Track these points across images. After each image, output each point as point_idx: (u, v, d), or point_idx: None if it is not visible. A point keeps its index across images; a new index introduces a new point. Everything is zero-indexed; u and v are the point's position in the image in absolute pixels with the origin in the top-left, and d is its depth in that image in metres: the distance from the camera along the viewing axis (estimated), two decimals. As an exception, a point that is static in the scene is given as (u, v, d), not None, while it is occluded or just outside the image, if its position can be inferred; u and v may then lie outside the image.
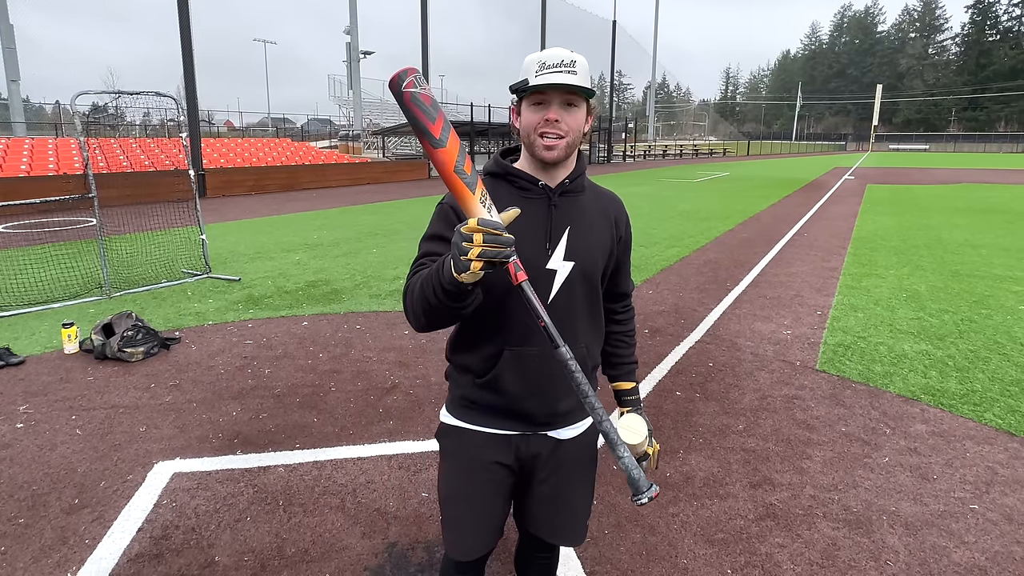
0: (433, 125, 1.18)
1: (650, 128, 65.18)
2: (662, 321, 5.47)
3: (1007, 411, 3.62)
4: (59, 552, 2.37)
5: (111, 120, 8.43)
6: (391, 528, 2.52)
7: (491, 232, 1.10)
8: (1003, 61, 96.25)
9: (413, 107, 1.18)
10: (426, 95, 1.18)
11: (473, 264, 1.10)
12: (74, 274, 6.70)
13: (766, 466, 3.03)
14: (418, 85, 1.18)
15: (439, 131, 1.18)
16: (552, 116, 1.32)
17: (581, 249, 1.41)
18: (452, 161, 1.18)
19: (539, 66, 1.31)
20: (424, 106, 1.18)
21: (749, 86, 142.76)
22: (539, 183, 1.40)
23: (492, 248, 1.10)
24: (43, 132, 29.31)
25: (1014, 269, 7.57)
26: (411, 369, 4.24)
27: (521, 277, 1.17)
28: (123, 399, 3.76)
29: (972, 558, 2.36)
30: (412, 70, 1.19)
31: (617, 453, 1.17)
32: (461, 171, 1.18)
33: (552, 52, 1.32)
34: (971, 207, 14.81)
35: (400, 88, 1.18)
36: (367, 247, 9.06)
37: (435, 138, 1.18)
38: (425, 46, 25.24)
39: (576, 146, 1.38)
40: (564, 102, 1.32)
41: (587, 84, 1.33)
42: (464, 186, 1.18)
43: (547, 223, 1.39)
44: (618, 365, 1.66)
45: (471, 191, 1.18)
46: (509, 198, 1.39)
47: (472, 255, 1.10)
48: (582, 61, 1.33)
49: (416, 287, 1.28)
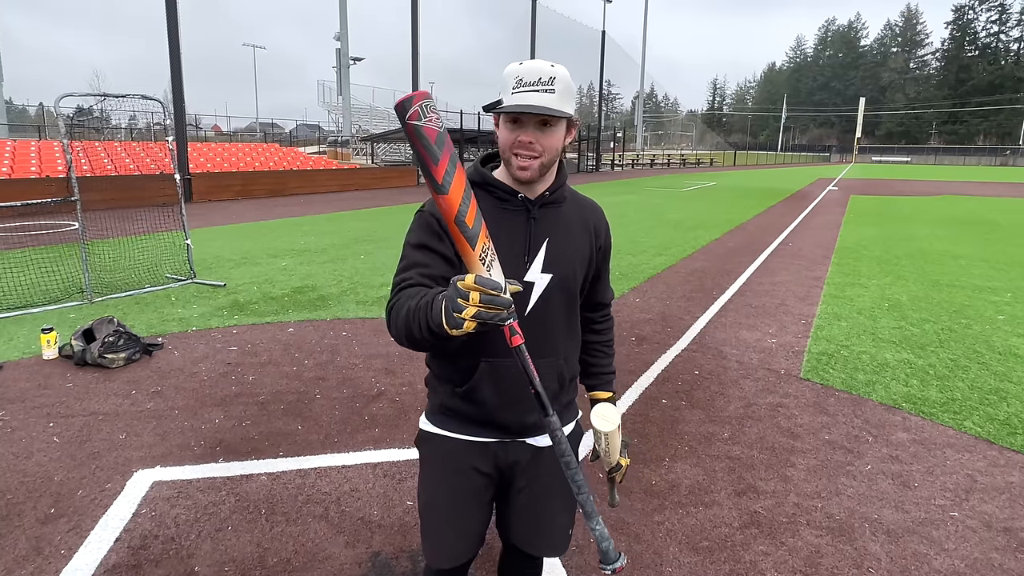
0: (436, 166, 1.07)
1: (638, 137, 65.71)
2: (649, 329, 5.49)
3: (986, 419, 3.67)
4: (33, 563, 2.31)
5: (96, 123, 8.34)
6: (375, 537, 2.50)
7: (488, 293, 1.03)
8: (982, 76, 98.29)
9: (416, 141, 1.08)
10: (431, 128, 1.08)
11: (467, 324, 1.04)
12: (55, 278, 6.59)
13: (751, 474, 3.04)
14: (424, 115, 1.06)
15: (442, 173, 1.08)
16: (525, 139, 1.29)
17: (560, 261, 1.40)
18: (454, 210, 1.09)
19: (516, 82, 1.26)
20: (427, 142, 1.07)
21: (736, 97, 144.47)
22: (519, 195, 1.38)
23: (488, 310, 1.03)
24: (26, 134, 28.92)
25: (993, 279, 7.70)
26: (397, 376, 4.22)
27: (517, 341, 1.11)
28: (103, 406, 3.70)
29: (952, 565, 2.38)
30: (421, 95, 1.08)
31: (591, 525, 1.19)
32: (463, 223, 1.09)
33: (530, 67, 1.26)
34: (952, 218, 15.06)
35: (404, 119, 1.07)
36: (355, 253, 9.02)
37: (437, 183, 1.08)
38: (415, 53, 25.29)
39: (553, 163, 1.36)
40: (539, 123, 1.29)
41: (566, 104, 1.28)
42: (462, 239, 1.10)
43: (526, 235, 1.38)
44: (596, 375, 1.65)
45: (472, 246, 1.10)
46: (488, 208, 1.37)
47: (467, 315, 1.03)
48: (562, 75, 1.28)
49: (401, 315, 1.22)
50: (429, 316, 1.12)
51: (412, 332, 1.18)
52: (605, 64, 42.16)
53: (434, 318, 1.10)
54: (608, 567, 1.20)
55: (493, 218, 1.36)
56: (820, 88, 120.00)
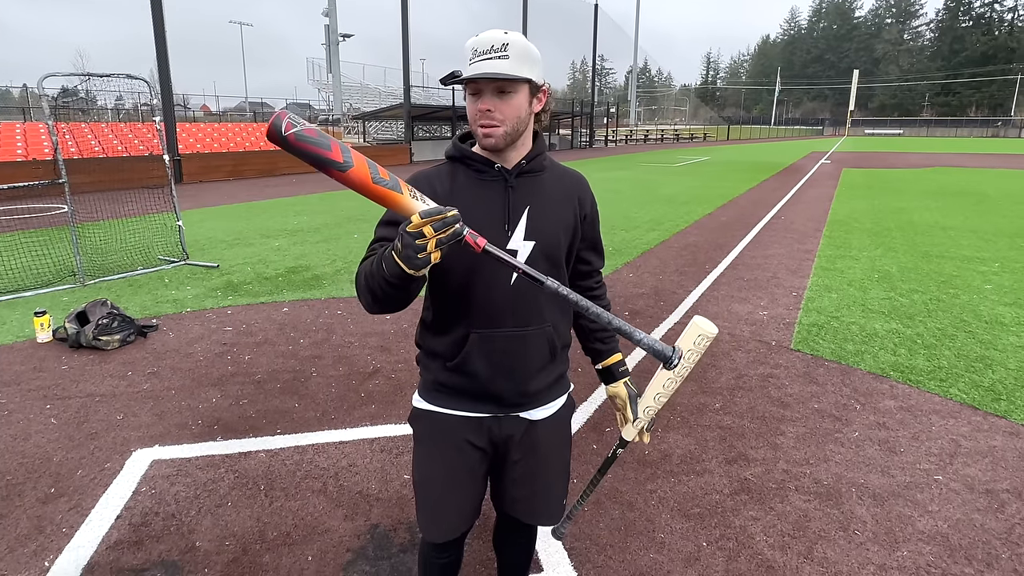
0: (331, 152, 1.14)
1: (632, 113, 65.17)
2: (642, 303, 5.53)
3: (971, 386, 3.74)
4: (35, 541, 2.35)
5: (81, 104, 8.19)
6: (373, 510, 2.54)
7: (437, 219, 1.10)
8: (975, 47, 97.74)
9: (305, 145, 1.13)
10: (310, 129, 1.15)
11: (433, 256, 1.11)
12: (46, 262, 6.55)
13: (741, 442, 3.10)
14: (297, 124, 1.14)
15: (340, 155, 1.15)
16: (483, 107, 1.30)
17: (541, 228, 1.41)
18: (367, 175, 1.17)
19: (472, 53, 1.28)
20: (314, 139, 1.14)
21: (729, 71, 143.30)
22: (495, 166, 1.38)
23: (446, 233, 1.11)
24: (11, 116, 28.45)
25: (981, 250, 7.76)
26: (393, 353, 4.25)
27: (482, 243, 1.17)
28: (99, 387, 3.72)
29: (935, 526, 2.45)
30: (281, 113, 1.15)
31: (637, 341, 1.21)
32: (379, 179, 1.17)
33: (483, 37, 1.28)
34: (942, 190, 15.10)
35: (282, 135, 1.12)
36: (348, 232, 8.99)
37: (340, 163, 1.15)
38: (405, 29, 24.87)
39: (520, 130, 1.35)
40: (496, 90, 1.30)
41: (522, 69, 1.28)
42: (389, 191, 1.17)
43: (505, 204, 1.38)
44: (606, 339, 1.62)
45: (398, 192, 1.17)
46: (467, 181, 1.39)
47: (430, 247, 1.10)
48: (516, 41, 1.29)
49: (361, 280, 1.29)
50: (383, 271, 1.19)
51: (374, 292, 1.25)
52: (598, 39, 41.63)
53: (389, 269, 1.16)
54: (670, 364, 1.27)
55: (472, 190, 1.38)
56: (814, 61, 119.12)
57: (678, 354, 1.26)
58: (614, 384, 1.60)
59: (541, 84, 1.36)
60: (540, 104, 1.39)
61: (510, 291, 1.39)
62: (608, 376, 1.62)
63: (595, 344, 1.63)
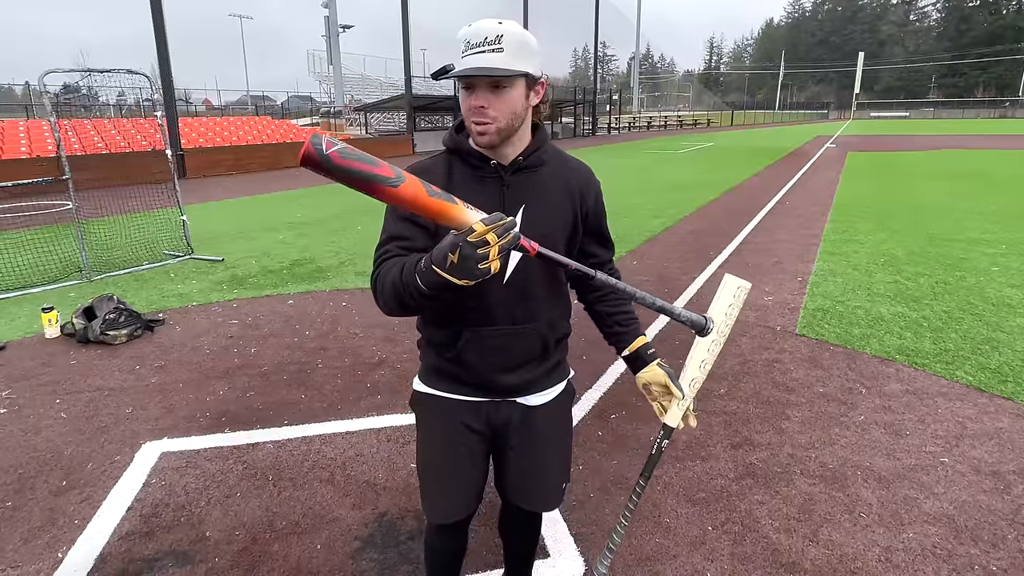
0: (380, 168, 1.06)
1: (635, 99, 64.81)
2: (646, 290, 5.45)
3: (977, 368, 3.73)
4: (49, 533, 2.38)
5: (83, 100, 8.20)
6: (381, 499, 2.57)
7: (500, 225, 1.05)
8: (983, 27, 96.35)
9: (351, 163, 1.04)
10: (350, 148, 1.07)
11: (493, 265, 1.06)
12: (52, 258, 6.59)
13: (746, 427, 3.10)
14: (336, 143, 1.06)
15: (388, 170, 1.07)
16: (477, 103, 1.25)
17: (538, 228, 1.33)
18: (422, 189, 1.08)
19: (464, 45, 1.22)
20: (359, 156, 1.05)
21: (733, 56, 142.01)
22: (491, 162, 1.34)
23: (508, 239, 1.06)
24: (14, 114, 28.50)
25: (987, 232, 7.70)
26: (398, 344, 4.26)
27: (536, 246, 1.13)
28: (108, 381, 3.75)
29: (941, 508, 2.45)
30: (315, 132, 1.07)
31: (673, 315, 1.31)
32: (435, 193, 1.09)
33: (476, 28, 1.21)
34: (949, 173, 14.97)
35: (324, 154, 1.02)
36: (352, 224, 9.00)
37: (391, 178, 1.06)
38: (405, 18, 24.72)
39: (516, 126, 1.30)
40: (490, 85, 1.24)
41: (518, 62, 1.22)
42: (447, 203, 1.09)
43: (499, 203, 1.34)
44: (625, 321, 1.54)
45: (453, 203, 1.10)
46: (463, 176, 1.36)
47: (493, 255, 1.05)
48: (511, 31, 1.21)
49: (387, 286, 1.22)
50: (418, 284, 1.13)
51: (404, 301, 1.19)
52: (600, 25, 41.27)
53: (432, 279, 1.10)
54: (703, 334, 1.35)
55: (467, 185, 1.35)
56: (818, 44, 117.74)
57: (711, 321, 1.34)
58: (646, 369, 1.47)
59: (539, 76, 1.30)
60: (538, 97, 1.33)
61: (503, 292, 1.38)
62: (638, 362, 1.49)
63: (614, 328, 1.54)
